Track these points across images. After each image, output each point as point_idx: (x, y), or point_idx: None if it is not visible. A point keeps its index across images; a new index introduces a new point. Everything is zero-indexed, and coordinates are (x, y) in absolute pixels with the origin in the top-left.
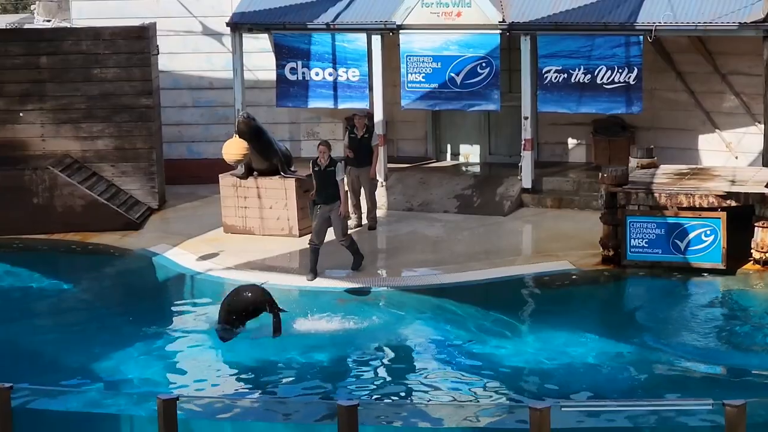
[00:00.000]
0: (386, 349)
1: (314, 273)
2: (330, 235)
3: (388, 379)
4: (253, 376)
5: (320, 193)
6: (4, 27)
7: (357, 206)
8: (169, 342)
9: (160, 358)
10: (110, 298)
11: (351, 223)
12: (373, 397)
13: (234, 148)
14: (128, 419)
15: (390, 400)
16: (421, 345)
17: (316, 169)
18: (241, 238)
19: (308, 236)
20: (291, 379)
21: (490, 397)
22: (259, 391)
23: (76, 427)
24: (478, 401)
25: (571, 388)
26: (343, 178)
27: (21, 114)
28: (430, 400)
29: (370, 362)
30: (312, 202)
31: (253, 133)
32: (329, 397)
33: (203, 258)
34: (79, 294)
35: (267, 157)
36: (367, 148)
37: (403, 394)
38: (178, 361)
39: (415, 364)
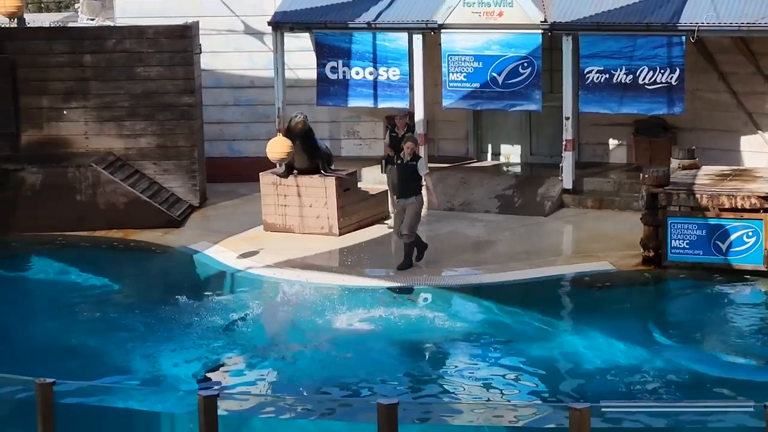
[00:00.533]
0: (425, 348)
1: (409, 262)
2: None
3: (428, 378)
4: (292, 373)
5: (397, 187)
6: (49, 26)
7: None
8: (210, 339)
9: (201, 355)
10: (151, 295)
11: (391, 222)
12: (413, 396)
13: (278, 147)
14: (169, 416)
15: (429, 399)
16: (460, 344)
17: (398, 162)
18: (280, 236)
19: (347, 234)
20: (330, 377)
21: (530, 396)
22: (299, 389)
23: (118, 423)
24: (517, 401)
25: (610, 388)
26: (426, 173)
27: (65, 112)
28: (468, 399)
29: (410, 361)
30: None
31: (305, 133)
32: (369, 396)
33: (243, 256)
34: (120, 291)
35: (311, 157)
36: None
37: (442, 393)
38: (219, 358)
39: (454, 363)
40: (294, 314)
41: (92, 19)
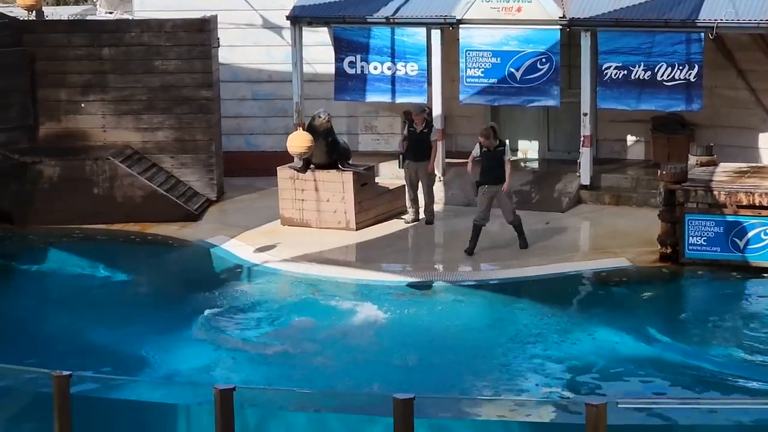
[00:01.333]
0: (442, 343)
1: (472, 248)
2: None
3: (444, 372)
4: (307, 367)
5: (487, 174)
6: (67, 18)
7: (414, 200)
8: (226, 333)
9: (217, 348)
10: (168, 289)
11: (408, 217)
12: (429, 391)
13: (299, 141)
14: (185, 409)
15: (445, 394)
16: (477, 340)
17: (484, 150)
18: (297, 230)
19: (364, 230)
20: (346, 371)
21: (546, 392)
22: (315, 383)
23: (134, 415)
24: (533, 396)
25: (627, 384)
26: (510, 158)
27: (83, 105)
28: (485, 394)
29: (426, 356)
30: (475, 183)
31: (328, 131)
32: (384, 390)
33: (260, 250)
34: (136, 284)
35: (330, 153)
36: (426, 142)
37: (458, 388)
38: (235, 352)
39: (470, 358)
40: (310, 309)
41: (111, 13)
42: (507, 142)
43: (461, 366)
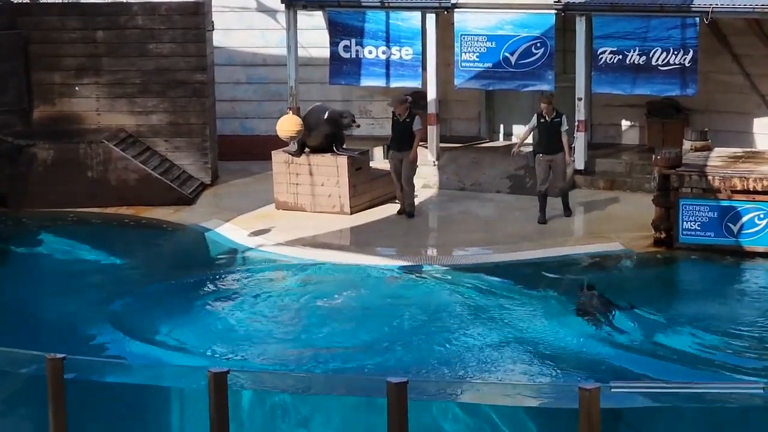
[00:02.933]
0: (436, 327)
1: (544, 218)
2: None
3: (438, 356)
4: (302, 350)
5: (542, 143)
6: (61, 2)
7: (401, 190)
8: (220, 316)
9: (210, 332)
10: (162, 273)
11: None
12: (423, 374)
13: (288, 125)
14: (179, 392)
15: (439, 378)
16: (471, 324)
17: (542, 120)
18: (292, 214)
19: (358, 214)
20: (341, 354)
21: (540, 376)
22: (309, 366)
23: (128, 398)
24: (527, 380)
25: (620, 368)
26: (567, 129)
27: (77, 88)
28: (479, 378)
29: (420, 340)
30: (533, 152)
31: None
32: (378, 373)
33: (255, 234)
34: (131, 268)
35: (329, 140)
36: (409, 132)
37: (452, 372)
38: (228, 336)
39: (465, 342)
40: (304, 292)
41: None
42: (564, 114)
43: (454, 349)
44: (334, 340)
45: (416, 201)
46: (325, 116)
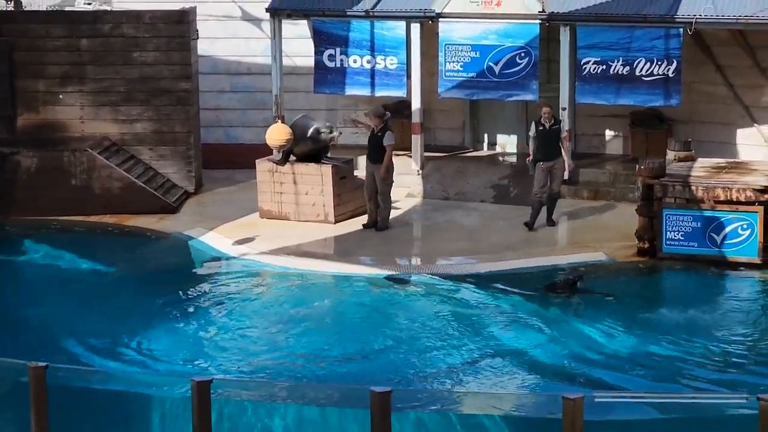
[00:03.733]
0: (420, 336)
1: (533, 224)
2: None
3: (422, 366)
4: (286, 359)
5: (541, 151)
6: (46, 9)
7: (371, 201)
8: (203, 325)
9: (194, 340)
10: (145, 281)
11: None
12: (406, 384)
13: (278, 134)
14: (161, 400)
15: (423, 387)
16: (455, 333)
17: (540, 128)
18: (276, 223)
19: (342, 223)
20: (324, 363)
21: (524, 386)
22: (292, 375)
23: (110, 406)
24: (511, 390)
25: (603, 378)
26: (565, 136)
27: (61, 96)
28: (462, 387)
29: (404, 349)
30: (531, 161)
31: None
32: (361, 383)
33: (238, 242)
34: (114, 276)
35: (314, 150)
36: (380, 145)
37: (435, 381)
38: (212, 344)
39: (448, 351)
40: (287, 301)
41: (89, 3)
42: (562, 121)
43: (438, 358)
44: (317, 349)
45: (400, 210)
46: (308, 134)
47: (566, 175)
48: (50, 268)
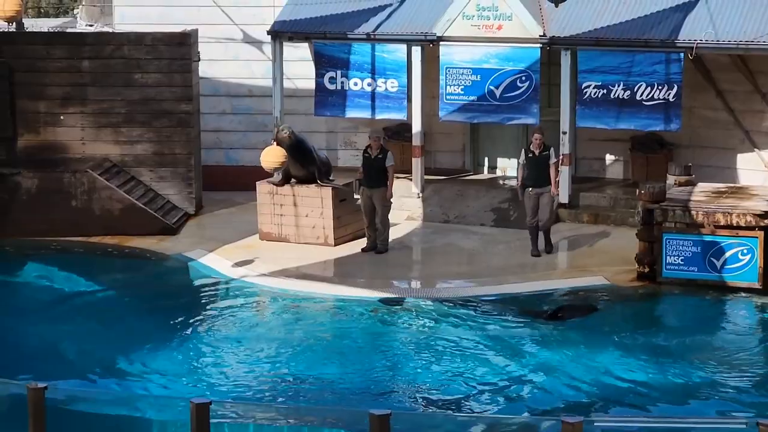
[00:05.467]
0: (418, 359)
1: (537, 250)
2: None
3: (420, 390)
4: (285, 382)
5: (531, 177)
6: (48, 30)
7: (370, 227)
8: (202, 347)
9: (193, 362)
10: (145, 303)
11: (365, 244)
12: (405, 408)
13: (272, 156)
14: (160, 423)
15: (422, 411)
16: (454, 356)
17: (530, 155)
18: (276, 245)
19: (342, 245)
20: (322, 386)
21: (523, 410)
22: (291, 398)
23: (109, 428)
24: (510, 414)
25: (602, 403)
26: (555, 161)
27: (62, 117)
28: (462, 411)
29: (403, 373)
30: (521, 186)
31: (295, 145)
32: (360, 405)
33: (238, 264)
34: (114, 297)
35: (304, 166)
36: (381, 168)
37: (433, 405)
38: (211, 367)
39: (447, 375)
40: (286, 323)
41: (91, 25)
42: (552, 148)
43: (436, 382)
44: (316, 372)
45: (400, 233)
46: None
47: (557, 202)
48: (49, 290)
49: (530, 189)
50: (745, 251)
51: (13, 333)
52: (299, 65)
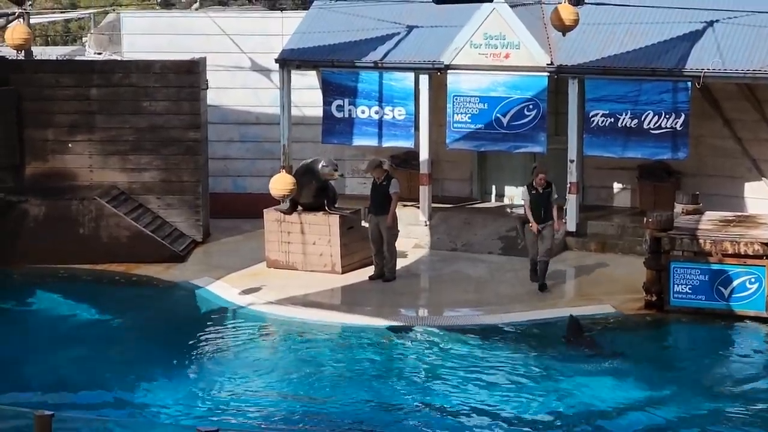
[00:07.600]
0: (425, 387)
1: (544, 286)
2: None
3: (426, 418)
4: (291, 408)
5: (534, 214)
6: (56, 59)
7: (377, 254)
8: (209, 375)
9: (200, 390)
10: (152, 330)
11: (373, 272)
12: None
13: (281, 184)
14: None
15: None
16: (460, 385)
17: (533, 192)
18: (283, 273)
19: (350, 273)
20: (328, 413)
21: None
22: (299, 426)
23: None
24: None
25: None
26: (557, 197)
27: (70, 144)
28: None
29: (408, 401)
30: (521, 223)
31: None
32: None
33: (245, 292)
34: (121, 325)
35: (318, 196)
36: (385, 195)
37: None
38: (218, 394)
39: (454, 404)
40: (293, 351)
41: (99, 53)
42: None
43: (443, 410)
44: (322, 399)
45: (408, 261)
46: (309, 166)
47: (558, 236)
48: (56, 317)
49: (530, 224)
50: (752, 280)
51: (20, 361)
52: (307, 93)
